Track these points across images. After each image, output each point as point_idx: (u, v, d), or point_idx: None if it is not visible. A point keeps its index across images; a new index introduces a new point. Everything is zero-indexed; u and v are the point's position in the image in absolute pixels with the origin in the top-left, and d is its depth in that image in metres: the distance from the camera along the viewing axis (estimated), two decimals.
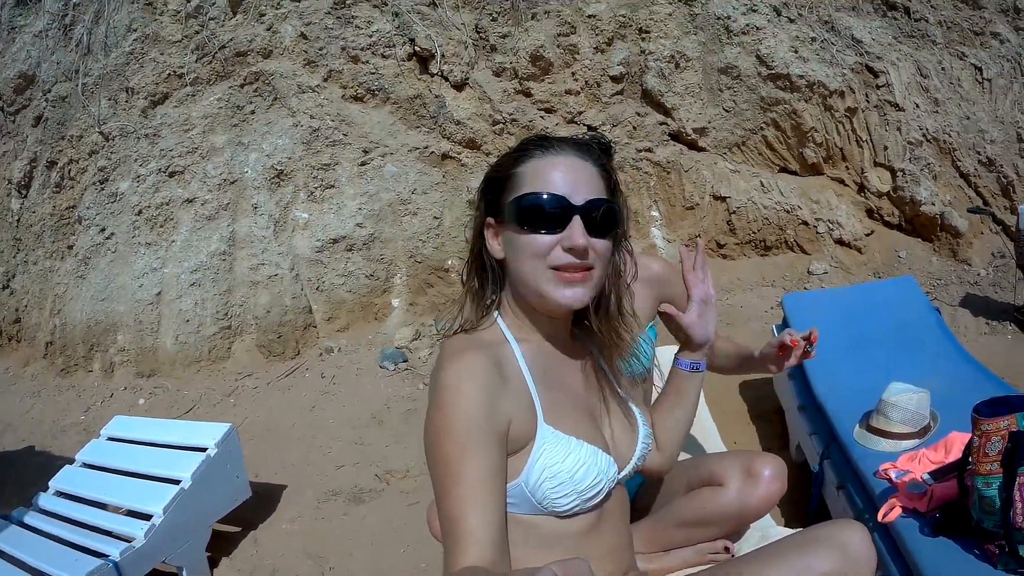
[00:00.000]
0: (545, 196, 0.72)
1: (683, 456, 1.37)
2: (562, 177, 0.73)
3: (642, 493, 1.20)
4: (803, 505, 1.78)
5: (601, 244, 0.74)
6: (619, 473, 0.80)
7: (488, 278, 0.79)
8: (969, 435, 1.18)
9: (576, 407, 0.79)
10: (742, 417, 2.41)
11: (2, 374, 4.37)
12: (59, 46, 4.32)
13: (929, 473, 1.30)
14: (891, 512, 1.27)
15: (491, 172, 0.79)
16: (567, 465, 0.72)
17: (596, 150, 0.79)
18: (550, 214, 0.72)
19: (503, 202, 0.75)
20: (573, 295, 0.73)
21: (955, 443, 1.37)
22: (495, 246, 0.77)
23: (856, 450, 1.52)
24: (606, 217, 0.74)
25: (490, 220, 0.77)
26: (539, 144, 0.76)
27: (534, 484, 0.71)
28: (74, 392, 3.86)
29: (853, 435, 1.56)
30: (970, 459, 1.14)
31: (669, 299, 1.20)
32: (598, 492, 0.75)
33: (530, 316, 0.79)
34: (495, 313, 0.79)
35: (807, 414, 1.84)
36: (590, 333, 0.84)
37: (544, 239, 0.72)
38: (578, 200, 0.72)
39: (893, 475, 1.32)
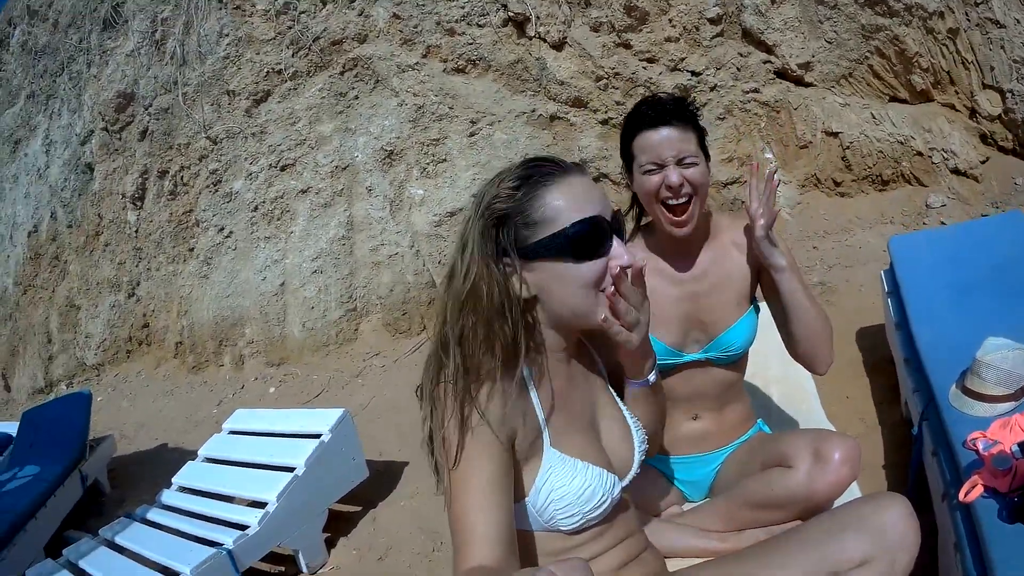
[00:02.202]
0: (591, 220, 0.70)
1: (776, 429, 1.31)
2: (589, 197, 0.72)
3: (722, 472, 1.18)
4: (902, 472, 1.68)
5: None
6: (621, 481, 0.80)
7: (520, 322, 0.72)
8: None
9: (580, 425, 0.79)
10: (856, 367, 2.30)
11: (135, 377, 4.66)
12: (153, 61, 4.54)
13: (1019, 444, 1.14)
14: (972, 491, 1.13)
15: (500, 209, 0.72)
16: (573, 487, 0.73)
17: (581, 165, 0.79)
18: (598, 238, 0.71)
19: (532, 240, 0.71)
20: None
21: None
22: (525, 287, 0.73)
23: (950, 414, 1.39)
24: (623, 223, 0.76)
25: (507, 261, 0.72)
26: (545, 169, 0.73)
27: (541, 506, 0.73)
28: (206, 387, 4.08)
29: (949, 396, 1.44)
30: None
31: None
32: (603, 511, 0.75)
33: (546, 339, 0.77)
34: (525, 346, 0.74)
35: (911, 368, 1.72)
36: (592, 338, 0.86)
37: (596, 265, 0.71)
38: (609, 216, 0.73)
39: (980, 446, 1.17)
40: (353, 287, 3.54)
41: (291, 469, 1.97)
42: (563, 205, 0.71)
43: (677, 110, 1.05)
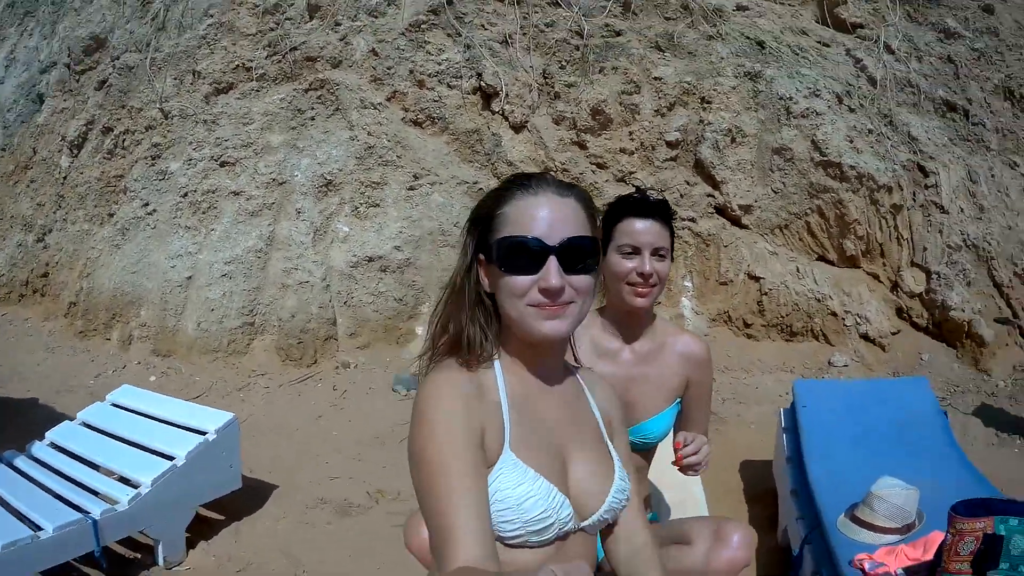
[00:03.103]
0: (521, 238, 0.75)
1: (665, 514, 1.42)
2: (542, 217, 0.75)
3: None
4: None
5: (581, 280, 0.76)
6: (580, 521, 0.80)
7: (482, 310, 0.80)
8: None
9: (546, 444, 0.80)
10: (736, 495, 2.41)
11: (20, 323, 4.44)
12: (135, 16, 4.43)
13: (903, 569, 1.29)
14: None
15: (477, 211, 0.82)
16: (517, 493, 0.74)
17: (577, 188, 0.81)
18: (527, 256, 0.74)
19: (489, 241, 0.78)
20: (553, 327, 0.76)
21: (936, 542, 1.35)
22: (485, 280, 0.80)
23: (836, 538, 1.53)
24: (585, 253, 0.76)
25: (480, 256, 0.80)
26: (521, 184, 0.78)
27: None
28: (88, 356, 3.92)
29: (836, 524, 1.58)
30: (942, 558, 1.14)
31: (695, 384, 1.25)
32: (546, 527, 0.75)
33: (521, 350, 0.81)
34: (493, 341, 0.81)
35: (798, 499, 1.86)
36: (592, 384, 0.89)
37: (522, 280, 0.75)
38: (554, 240, 0.74)
39: (867, 566, 1.32)
40: (257, 302, 3.46)
41: (170, 458, 1.95)
42: (510, 218, 0.76)
43: (662, 208, 1.21)
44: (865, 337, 3.71)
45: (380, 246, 3.35)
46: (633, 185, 3.44)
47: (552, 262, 0.74)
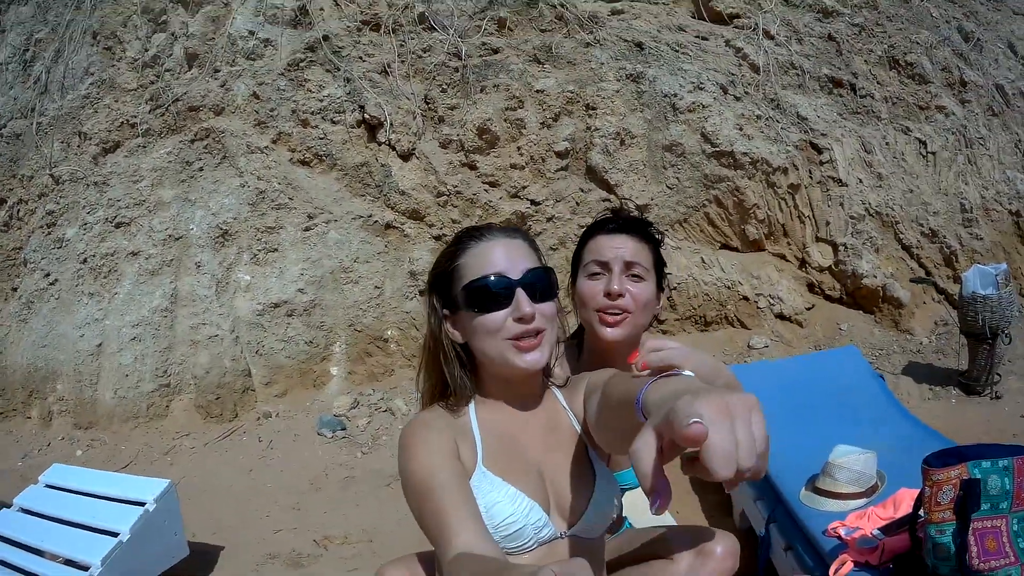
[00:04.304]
0: (488, 278, 0.82)
1: (637, 525, 1.32)
2: (499, 257, 0.83)
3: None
4: (749, 572, 1.79)
5: (547, 307, 0.84)
6: (569, 527, 0.85)
7: (455, 362, 0.88)
8: (918, 490, 1.20)
9: (520, 461, 0.86)
10: (683, 485, 2.41)
11: None
12: (18, 81, 4.31)
13: (879, 529, 1.33)
14: (842, 568, 1.29)
15: (435, 269, 0.90)
16: (485, 500, 0.80)
17: (520, 229, 0.91)
18: (496, 293, 0.82)
19: (453, 293, 0.85)
20: (533, 359, 0.83)
21: (904, 499, 1.40)
22: (455, 333, 0.87)
23: (803, 511, 1.56)
24: (545, 282, 0.85)
25: (446, 312, 0.87)
26: (470, 236, 0.87)
27: None
28: (12, 438, 3.82)
29: (799, 498, 1.60)
30: (922, 510, 1.17)
31: None
32: (517, 531, 0.80)
33: (495, 387, 0.89)
34: (470, 385, 0.89)
35: (751, 481, 1.85)
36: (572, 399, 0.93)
37: (496, 316, 0.82)
38: (517, 274, 0.83)
39: (843, 532, 1.35)
40: (169, 362, 3.42)
41: (115, 534, 1.91)
42: (469, 266, 0.84)
43: (639, 224, 1.04)
44: (781, 316, 3.82)
45: (283, 290, 3.34)
46: (528, 200, 3.49)
47: (520, 293, 0.82)
